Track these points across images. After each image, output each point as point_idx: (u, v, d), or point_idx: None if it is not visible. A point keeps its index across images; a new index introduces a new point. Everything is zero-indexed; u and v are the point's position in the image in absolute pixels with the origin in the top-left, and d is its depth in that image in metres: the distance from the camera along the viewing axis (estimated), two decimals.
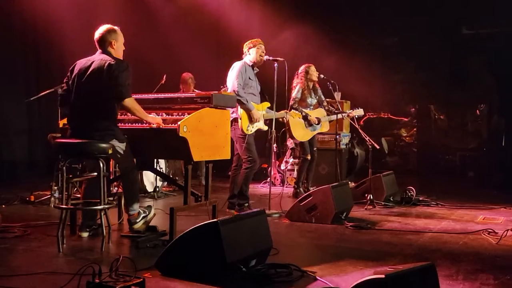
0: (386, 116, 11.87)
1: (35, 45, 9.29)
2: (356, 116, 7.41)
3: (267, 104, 6.10)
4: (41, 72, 9.29)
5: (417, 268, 2.82)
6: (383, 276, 2.56)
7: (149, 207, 4.63)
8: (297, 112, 6.85)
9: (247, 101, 5.71)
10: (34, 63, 9.30)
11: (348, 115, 7.41)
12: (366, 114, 11.02)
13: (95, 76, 4.24)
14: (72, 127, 4.38)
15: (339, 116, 7.26)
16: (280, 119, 6.70)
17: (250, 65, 5.93)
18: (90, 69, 4.28)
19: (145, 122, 4.43)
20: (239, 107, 5.70)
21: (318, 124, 7.27)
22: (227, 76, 5.91)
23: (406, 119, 12.37)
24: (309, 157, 7.26)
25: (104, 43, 4.39)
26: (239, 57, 6.04)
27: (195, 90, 7.85)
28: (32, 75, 9.21)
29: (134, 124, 4.60)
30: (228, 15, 10.55)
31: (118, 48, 4.45)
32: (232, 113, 5.55)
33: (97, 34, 4.42)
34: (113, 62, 4.22)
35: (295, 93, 7.16)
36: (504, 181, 9.14)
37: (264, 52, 5.96)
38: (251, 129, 5.78)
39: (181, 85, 8.10)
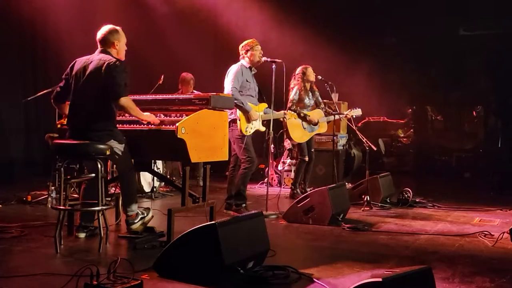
0: (382, 120, 11.92)
1: (32, 45, 9.26)
2: (354, 116, 7.43)
3: (265, 105, 6.09)
4: (38, 71, 9.26)
5: (414, 271, 2.83)
6: (380, 279, 2.58)
7: (148, 209, 4.63)
8: (293, 113, 6.84)
9: (243, 104, 5.69)
10: (32, 62, 9.27)
11: (345, 116, 7.43)
12: (366, 117, 11.09)
13: (93, 76, 4.25)
14: (71, 127, 4.38)
15: (337, 117, 7.27)
16: (280, 119, 6.70)
17: (248, 67, 5.91)
18: (88, 69, 4.28)
19: (141, 120, 4.43)
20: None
21: (315, 125, 7.28)
22: (224, 77, 5.87)
23: (403, 121, 12.40)
24: (306, 159, 7.27)
25: (106, 43, 4.40)
26: (237, 58, 6.02)
27: (194, 91, 7.82)
28: (29, 74, 9.18)
29: (132, 125, 4.60)
30: (226, 16, 10.56)
31: (120, 48, 4.45)
32: (231, 114, 5.56)
33: (100, 34, 4.43)
34: (111, 63, 4.22)
35: (293, 95, 7.17)
36: (500, 182, 9.16)
37: (262, 52, 5.96)
38: (250, 130, 5.78)
39: (180, 85, 8.03)
